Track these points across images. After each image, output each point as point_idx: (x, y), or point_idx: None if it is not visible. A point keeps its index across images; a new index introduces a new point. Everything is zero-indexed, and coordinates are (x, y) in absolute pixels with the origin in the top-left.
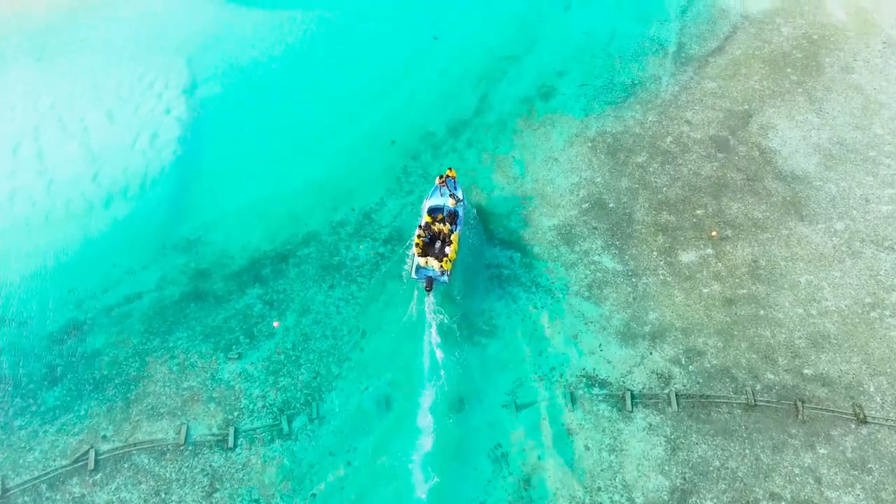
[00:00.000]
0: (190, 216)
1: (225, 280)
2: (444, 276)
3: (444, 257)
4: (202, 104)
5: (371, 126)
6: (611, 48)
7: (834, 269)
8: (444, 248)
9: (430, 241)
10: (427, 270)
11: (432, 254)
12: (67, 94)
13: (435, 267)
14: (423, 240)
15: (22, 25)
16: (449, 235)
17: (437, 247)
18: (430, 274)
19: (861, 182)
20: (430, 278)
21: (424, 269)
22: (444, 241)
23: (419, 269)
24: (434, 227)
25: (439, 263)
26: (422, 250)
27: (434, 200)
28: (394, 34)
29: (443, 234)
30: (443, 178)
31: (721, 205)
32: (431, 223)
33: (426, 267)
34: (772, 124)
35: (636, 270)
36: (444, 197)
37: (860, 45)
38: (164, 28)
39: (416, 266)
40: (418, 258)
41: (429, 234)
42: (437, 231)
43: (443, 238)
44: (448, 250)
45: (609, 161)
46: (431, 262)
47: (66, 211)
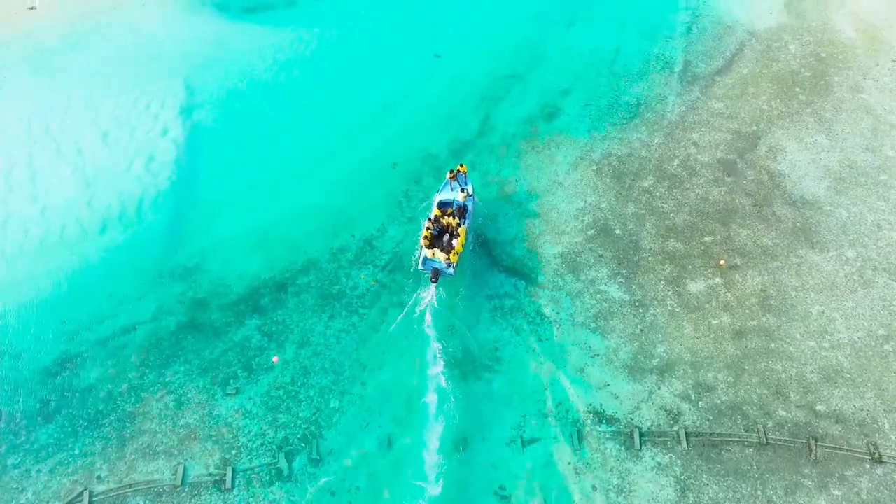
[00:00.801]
0: (187, 243)
1: (222, 310)
2: (450, 269)
3: (451, 250)
4: (199, 126)
5: (372, 149)
6: (615, 66)
7: (846, 299)
8: (451, 240)
9: (438, 234)
10: (434, 262)
11: (440, 246)
12: (62, 116)
13: (441, 259)
14: (432, 232)
15: (18, 46)
16: (457, 229)
17: (445, 240)
18: (437, 266)
19: (873, 207)
20: (436, 270)
21: (431, 260)
22: (453, 235)
23: (426, 261)
24: (443, 221)
25: (446, 256)
26: (429, 242)
27: (444, 194)
28: (395, 53)
29: (451, 227)
30: (454, 173)
31: (730, 231)
32: (441, 216)
33: (433, 259)
34: (780, 146)
35: (643, 301)
36: (454, 191)
37: (869, 63)
38: (161, 49)
39: (424, 258)
40: (426, 250)
41: (437, 227)
42: (445, 224)
43: (451, 231)
44: (455, 244)
45: (615, 185)
46: (438, 254)
47: (60, 238)
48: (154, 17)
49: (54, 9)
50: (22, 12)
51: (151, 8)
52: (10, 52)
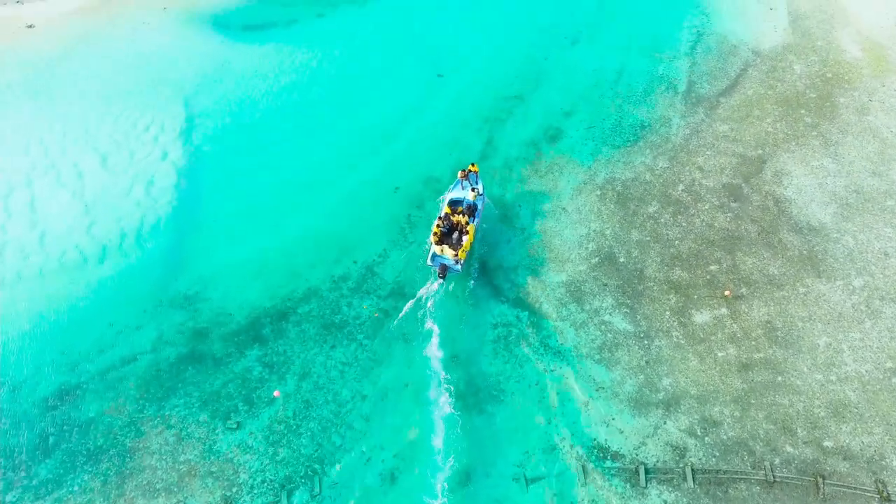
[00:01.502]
0: (187, 270)
1: (223, 340)
2: (457, 265)
3: (460, 247)
4: (199, 150)
5: (373, 172)
6: (619, 86)
7: (853, 330)
8: (460, 238)
9: (447, 231)
10: (442, 258)
11: (449, 243)
12: (61, 138)
13: (450, 255)
14: (442, 229)
15: (16, 66)
16: (466, 226)
17: (455, 237)
18: (445, 262)
19: (880, 234)
20: (444, 266)
21: (440, 256)
22: (462, 232)
23: (435, 257)
24: (453, 218)
25: (454, 252)
26: (439, 239)
27: (455, 193)
28: (397, 72)
29: (460, 225)
30: (465, 172)
31: (735, 260)
32: (451, 214)
33: (442, 255)
34: (786, 171)
35: (648, 332)
36: (464, 190)
37: (875, 84)
38: (161, 69)
39: (433, 254)
40: (435, 246)
41: (447, 225)
42: (455, 222)
43: (460, 229)
44: (464, 241)
45: (619, 211)
46: (447, 250)
47: (59, 265)
48: (154, 35)
49: (53, 27)
50: (20, 30)
51: (151, 26)
52: (8, 72)
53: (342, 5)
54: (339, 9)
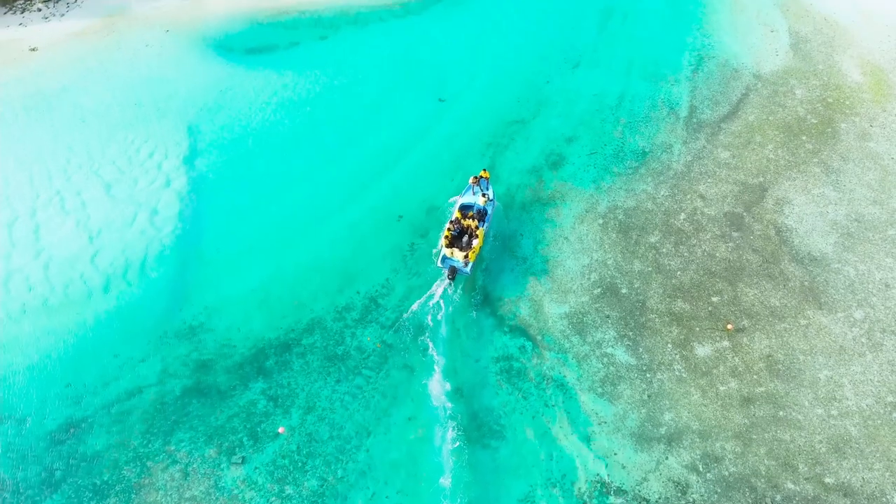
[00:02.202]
0: (191, 300)
1: (227, 372)
2: (466, 268)
3: (469, 250)
4: (202, 177)
5: (376, 200)
6: (620, 111)
7: (854, 363)
8: (470, 241)
9: (458, 235)
10: (452, 261)
11: (459, 246)
12: (65, 165)
13: (459, 258)
14: (452, 233)
15: (19, 89)
16: (476, 231)
17: (465, 240)
18: (455, 264)
19: (881, 264)
20: (453, 268)
21: (450, 259)
22: (472, 236)
23: (445, 259)
24: (463, 223)
25: (464, 255)
26: (449, 242)
27: (466, 198)
28: (399, 98)
29: (471, 229)
30: (477, 179)
31: (737, 291)
32: (461, 218)
33: (451, 258)
34: (787, 199)
35: (651, 365)
36: (475, 195)
37: (877, 109)
38: (163, 92)
39: (443, 256)
40: (445, 249)
41: (458, 228)
42: (465, 226)
43: (470, 233)
44: (474, 244)
45: (621, 240)
46: (457, 253)
47: (64, 296)
48: (156, 58)
49: (55, 49)
50: (23, 53)
51: (154, 49)
52: (13, 97)
53: (344, 27)
54: (341, 31)
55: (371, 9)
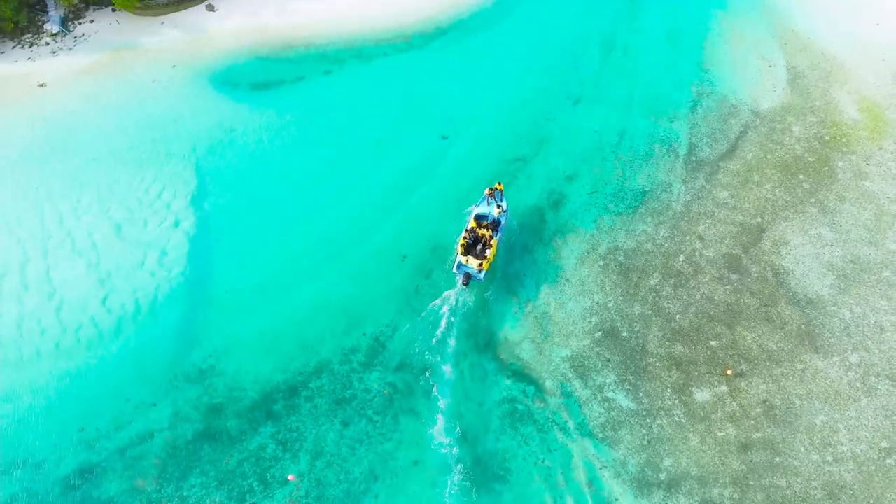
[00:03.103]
0: (200, 342)
1: (237, 416)
2: (480, 274)
3: (483, 258)
4: (210, 217)
5: (381, 240)
6: (621, 148)
7: (849, 408)
8: (484, 250)
9: (473, 243)
10: (467, 267)
11: (474, 254)
12: (75, 205)
13: (474, 265)
14: (468, 241)
15: (29, 127)
16: (490, 240)
17: (479, 249)
18: (469, 271)
19: (875, 307)
20: (468, 274)
21: (465, 266)
22: (485, 245)
23: (460, 266)
24: (478, 232)
25: (478, 262)
26: (465, 249)
27: (481, 208)
28: (402, 135)
29: (485, 238)
30: (492, 191)
31: (735, 335)
32: (476, 228)
33: (466, 265)
34: (785, 240)
35: (650, 410)
36: (490, 206)
37: (873, 146)
38: (171, 130)
39: (458, 263)
40: (461, 256)
41: (472, 237)
42: (480, 235)
43: (484, 242)
44: (488, 253)
45: (621, 283)
46: (472, 260)
47: (76, 339)
48: (164, 94)
49: (64, 85)
50: (33, 89)
51: (161, 84)
52: (24, 135)
53: (348, 62)
54: (345, 66)
55: (375, 43)
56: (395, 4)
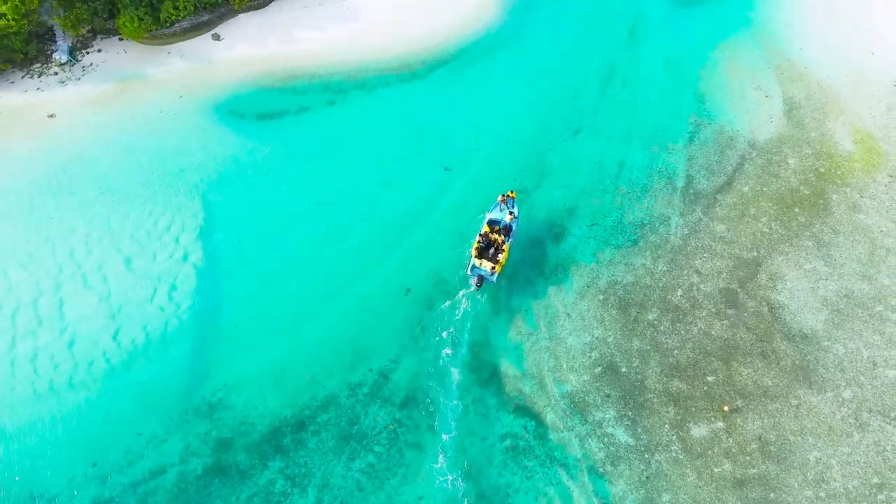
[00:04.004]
0: (210, 377)
1: (247, 451)
2: (493, 277)
3: (496, 262)
4: (218, 251)
5: (385, 274)
6: (620, 180)
7: (842, 444)
8: (496, 254)
9: (486, 247)
10: (480, 270)
11: (486, 257)
12: (85, 239)
13: (487, 268)
14: (481, 245)
15: (39, 159)
16: (502, 245)
17: (491, 253)
18: (482, 273)
19: (868, 342)
20: (481, 277)
21: (478, 268)
22: (498, 249)
23: (474, 268)
24: (491, 236)
25: (491, 265)
26: (478, 253)
27: (494, 214)
28: (405, 167)
29: (497, 242)
30: (504, 197)
31: (731, 370)
32: (489, 232)
33: (480, 267)
34: (780, 274)
35: (649, 445)
36: (502, 212)
37: (867, 179)
38: (178, 162)
39: (472, 265)
40: (474, 259)
41: (485, 241)
42: (492, 239)
43: (497, 246)
44: (500, 257)
45: (621, 317)
46: (485, 263)
47: (88, 374)
48: (171, 125)
49: (73, 116)
50: (42, 120)
51: (168, 115)
52: (33, 166)
53: (352, 92)
54: (348, 96)
55: (377, 73)
56: (396, 34)
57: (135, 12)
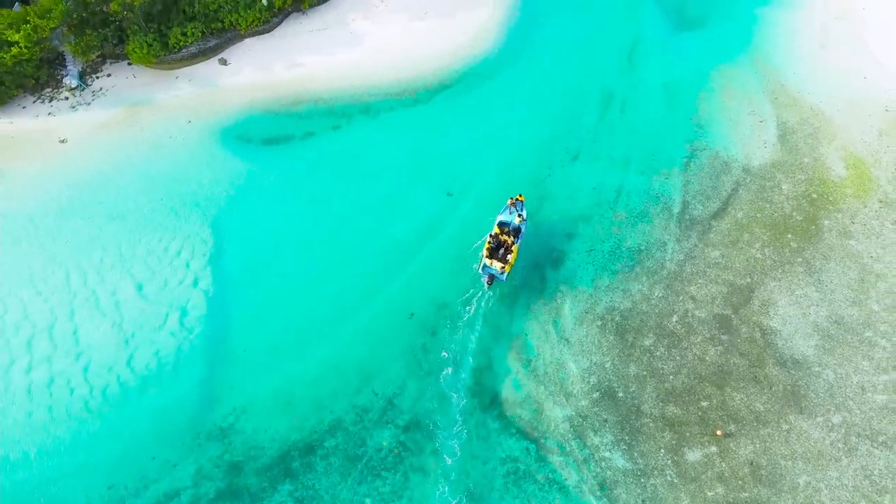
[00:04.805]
0: (220, 401)
1: (257, 474)
2: (503, 275)
3: (505, 262)
4: (227, 276)
5: (389, 298)
6: (618, 206)
7: (831, 468)
8: (506, 254)
9: (496, 247)
10: (491, 269)
11: (497, 257)
12: (98, 265)
13: (497, 267)
14: (492, 245)
15: (50, 184)
16: (511, 245)
17: (501, 253)
18: (493, 272)
19: (858, 367)
20: (491, 275)
21: (489, 268)
22: (507, 250)
23: (485, 268)
24: (501, 238)
25: (501, 265)
26: (489, 253)
27: (504, 216)
28: (410, 192)
29: (507, 243)
30: (513, 201)
31: (724, 396)
32: (499, 234)
33: (490, 266)
34: (773, 300)
35: (645, 469)
36: (511, 215)
37: (858, 204)
38: (188, 187)
39: (483, 265)
40: (485, 259)
41: (496, 242)
42: (502, 240)
43: (506, 247)
44: (509, 257)
45: (618, 343)
46: (496, 263)
47: (103, 399)
48: (180, 150)
49: (83, 141)
50: (54, 145)
51: (177, 140)
52: (47, 192)
53: (356, 117)
54: (353, 121)
55: (381, 98)
56: (399, 58)
57: (144, 38)
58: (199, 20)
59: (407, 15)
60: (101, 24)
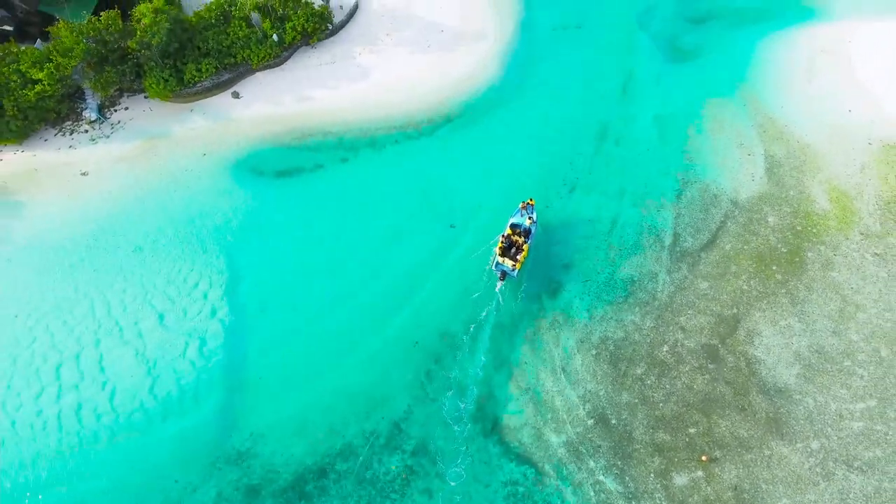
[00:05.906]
0: (238, 426)
1: (273, 497)
2: (514, 272)
3: (516, 260)
4: (243, 306)
5: (395, 328)
6: (612, 237)
7: (809, 492)
8: (517, 253)
9: (508, 247)
10: (503, 266)
11: (509, 255)
12: (121, 295)
13: (509, 265)
14: (504, 244)
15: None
16: (522, 245)
17: (513, 252)
18: (505, 269)
19: (836, 395)
20: (504, 272)
21: (501, 265)
22: (518, 249)
23: (498, 265)
24: (512, 238)
25: (513, 263)
26: (502, 251)
27: (516, 218)
28: (414, 224)
29: (518, 243)
30: (525, 204)
31: (711, 423)
32: (511, 234)
33: (503, 264)
34: (757, 330)
35: (636, 493)
36: (523, 217)
37: (840, 237)
38: (204, 219)
39: (496, 262)
40: (498, 257)
41: (508, 241)
42: (514, 241)
43: (517, 246)
44: (520, 256)
45: (611, 372)
46: (507, 261)
47: (128, 425)
48: (195, 182)
49: (104, 175)
50: (77, 178)
51: (193, 173)
52: (71, 224)
53: (363, 149)
54: (360, 153)
55: (386, 131)
56: (403, 92)
57: (160, 74)
58: (213, 56)
59: (411, 48)
60: (119, 60)
